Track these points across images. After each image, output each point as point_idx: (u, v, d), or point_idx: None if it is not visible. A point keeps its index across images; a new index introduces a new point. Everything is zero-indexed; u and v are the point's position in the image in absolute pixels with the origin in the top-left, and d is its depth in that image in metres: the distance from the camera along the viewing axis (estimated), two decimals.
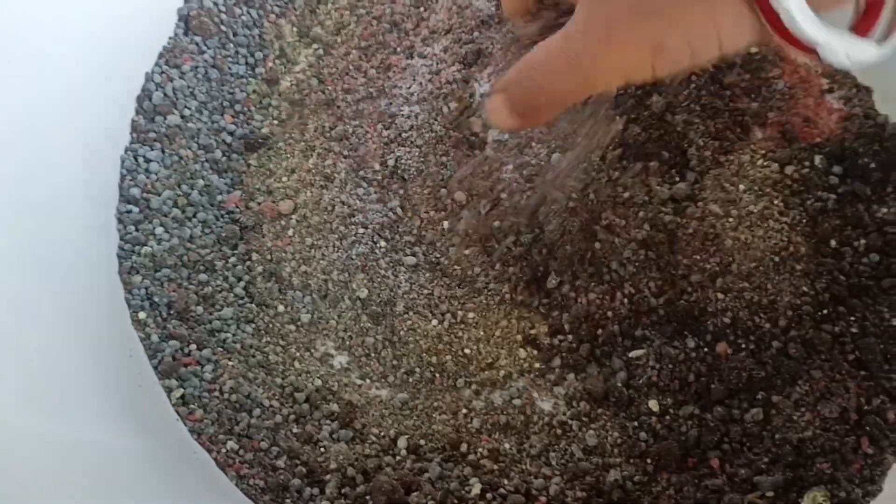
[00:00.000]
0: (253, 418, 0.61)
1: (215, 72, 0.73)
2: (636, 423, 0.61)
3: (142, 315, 0.63)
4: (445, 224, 0.69)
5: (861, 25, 0.36)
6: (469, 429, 0.63)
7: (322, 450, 0.61)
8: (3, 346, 0.53)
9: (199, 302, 0.65)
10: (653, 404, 0.61)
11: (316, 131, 0.74)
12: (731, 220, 0.66)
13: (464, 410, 0.63)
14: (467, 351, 0.65)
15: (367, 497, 0.59)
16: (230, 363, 0.64)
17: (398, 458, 0.62)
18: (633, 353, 0.64)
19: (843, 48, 0.35)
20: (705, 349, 0.63)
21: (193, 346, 0.63)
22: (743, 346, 0.62)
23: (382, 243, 0.69)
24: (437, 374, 0.65)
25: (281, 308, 0.67)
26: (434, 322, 0.66)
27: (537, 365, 0.65)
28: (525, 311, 0.67)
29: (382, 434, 0.63)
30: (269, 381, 0.64)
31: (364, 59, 0.76)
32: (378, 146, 0.72)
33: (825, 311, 0.63)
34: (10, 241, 0.58)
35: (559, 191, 0.67)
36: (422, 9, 0.78)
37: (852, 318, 0.62)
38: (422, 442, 0.62)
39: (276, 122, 0.74)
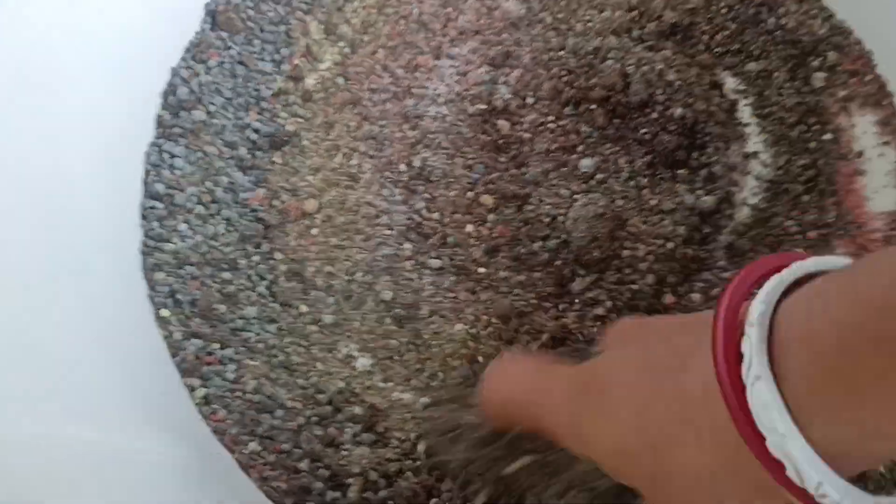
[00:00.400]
0: (275, 419, 0.61)
1: (241, 68, 0.73)
2: None
3: (165, 312, 0.63)
4: (471, 228, 0.68)
5: None
6: None
7: (345, 453, 0.60)
8: (25, 344, 0.52)
9: (223, 300, 0.65)
10: None
11: (341, 130, 0.73)
12: None
13: None
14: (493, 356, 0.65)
15: (390, 501, 0.58)
16: (253, 363, 0.63)
17: (419, 462, 0.61)
18: None
19: None
20: None
21: (216, 345, 0.63)
22: None
23: (407, 245, 0.68)
24: (462, 379, 0.64)
25: (304, 308, 0.67)
26: (459, 326, 0.66)
27: None
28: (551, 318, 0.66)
29: (404, 438, 0.62)
30: (292, 382, 0.63)
31: (391, 59, 0.76)
32: (404, 147, 0.72)
33: None
34: (33, 237, 0.57)
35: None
36: (450, 9, 0.77)
37: None
38: None
39: (301, 120, 0.74)
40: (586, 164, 0.68)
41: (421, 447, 0.61)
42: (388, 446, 0.61)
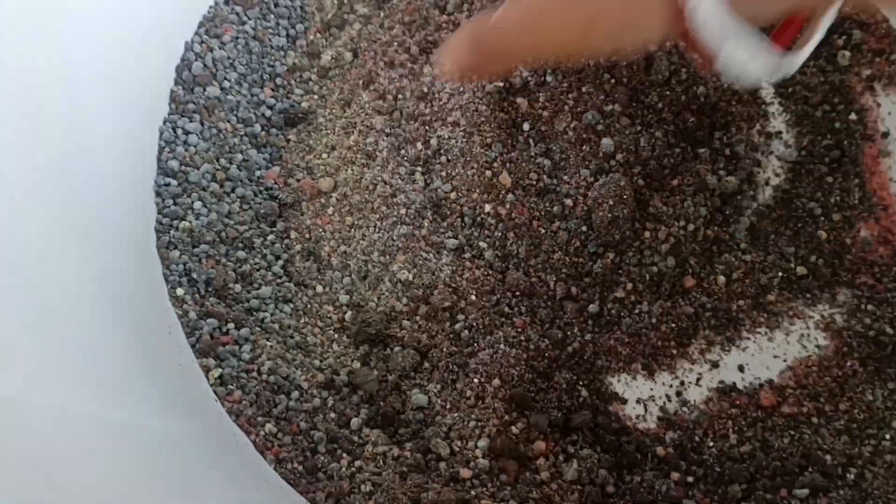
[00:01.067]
0: (291, 401, 0.60)
1: (256, 43, 0.71)
2: None
3: (180, 291, 0.62)
4: (489, 207, 0.67)
5: (778, 37, 0.34)
6: None
7: (362, 434, 0.60)
8: (43, 324, 0.51)
9: (237, 280, 0.64)
10: None
11: (357, 107, 0.72)
12: None
13: None
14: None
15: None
16: (268, 343, 0.62)
17: None
18: None
19: (743, 58, 0.33)
20: None
21: (231, 325, 0.62)
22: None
23: (425, 224, 0.67)
24: None
25: (319, 288, 0.66)
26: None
27: None
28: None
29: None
30: (308, 363, 0.63)
31: (407, 35, 0.74)
32: (420, 125, 0.70)
33: None
34: (48, 214, 0.56)
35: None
36: None
37: None
38: None
39: (316, 97, 0.72)
40: (607, 143, 0.67)
41: None
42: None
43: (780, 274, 0.65)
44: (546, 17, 0.40)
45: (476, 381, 0.62)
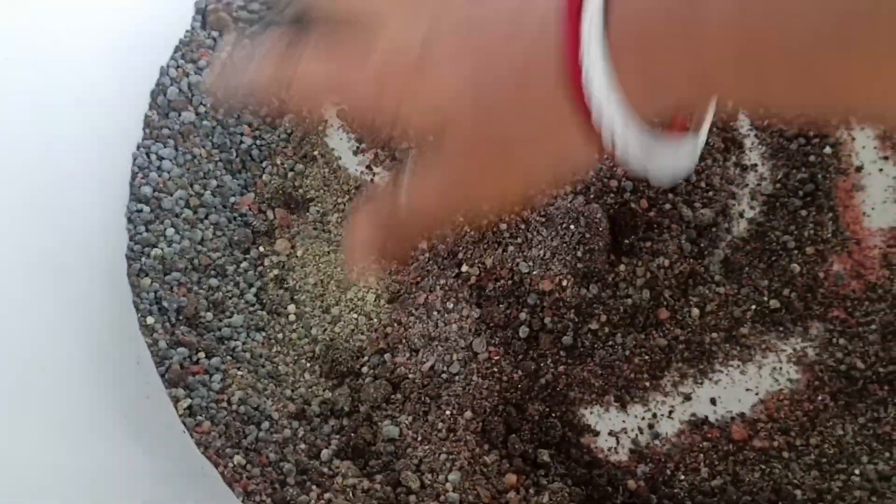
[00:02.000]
0: (261, 431, 0.60)
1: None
2: None
3: (150, 320, 0.61)
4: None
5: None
6: None
7: (332, 466, 0.59)
8: (5, 355, 0.50)
9: (209, 308, 0.63)
10: None
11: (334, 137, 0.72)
12: None
13: None
14: None
15: None
16: (239, 373, 0.62)
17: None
18: None
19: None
20: None
21: (202, 354, 0.61)
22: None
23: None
24: None
25: (293, 317, 0.65)
26: (455, 326, 0.64)
27: None
28: None
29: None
30: (279, 392, 0.62)
31: None
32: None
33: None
34: (15, 239, 0.55)
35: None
36: None
37: None
38: None
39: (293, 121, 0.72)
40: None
41: None
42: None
43: (754, 307, 0.65)
44: (479, 176, 0.39)
45: (448, 412, 0.61)
